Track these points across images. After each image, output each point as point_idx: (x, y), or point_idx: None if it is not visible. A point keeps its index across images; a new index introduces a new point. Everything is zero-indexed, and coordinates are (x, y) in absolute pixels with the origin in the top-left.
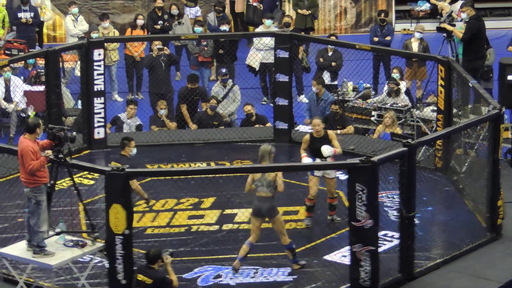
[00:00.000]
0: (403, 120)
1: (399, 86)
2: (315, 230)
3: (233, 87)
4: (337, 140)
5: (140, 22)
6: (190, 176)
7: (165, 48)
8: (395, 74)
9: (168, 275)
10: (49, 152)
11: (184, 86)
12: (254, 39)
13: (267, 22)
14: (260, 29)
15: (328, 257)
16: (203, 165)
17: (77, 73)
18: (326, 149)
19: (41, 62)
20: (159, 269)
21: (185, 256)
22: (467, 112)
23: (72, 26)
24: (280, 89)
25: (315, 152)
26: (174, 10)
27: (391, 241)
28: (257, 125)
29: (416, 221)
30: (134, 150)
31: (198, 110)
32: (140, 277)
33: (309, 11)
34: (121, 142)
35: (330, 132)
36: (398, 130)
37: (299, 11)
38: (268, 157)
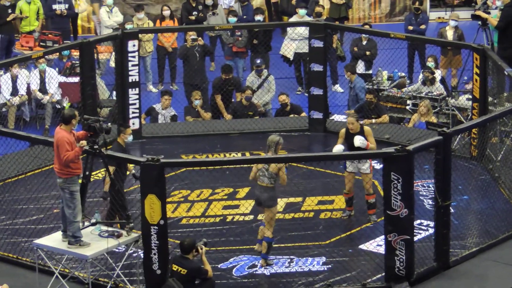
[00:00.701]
0: (438, 108)
1: (434, 75)
2: (350, 219)
3: (268, 77)
4: (373, 137)
5: (166, 13)
6: (225, 166)
7: (199, 38)
8: (430, 63)
9: (203, 265)
10: (84, 142)
11: (218, 77)
12: (288, 29)
13: (301, 11)
14: (294, 19)
15: (363, 246)
16: (238, 155)
17: (112, 64)
18: (358, 140)
19: (75, 53)
20: (194, 259)
21: (220, 246)
22: (502, 100)
23: (106, 17)
24: (315, 79)
25: (350, 146)
26: (209, 1)
27: (426, 230)
28: (291, 115)
29: (452, 210)
30: (130, 138)
31: (233, 100)
32: (175, 267)
33: (344, 0)
34: (117, 129)
35: (366, 128)
36: (433, 119)
37: (334, 0)
38: (274, 148)
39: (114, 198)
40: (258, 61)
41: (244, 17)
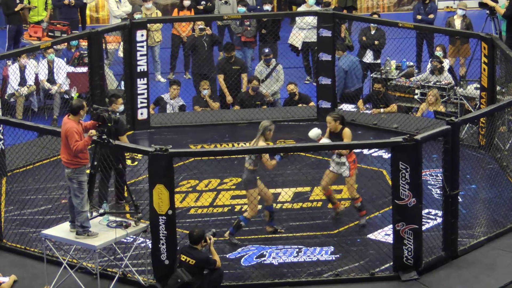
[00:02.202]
0: (446, 98)
1: (442, 64)
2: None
3: (276, 67)
4: (348, 139)
5: (187, 3)
6: (233, 156)
7: (207, 28)
8: (438, 52)
9: (211, 255)
10: (94, 131)
11: (222, 58)
12: (297, 18)
13: (310, 1)
14: (302, 8)
15: (371, 236)
16: (246, 145)
17: (120, 54)
18: (313, 132)
19: (84, 43)
20: (202, 249)
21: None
22: (510, 90)
23: (115, 7)
24: (323, 68)
25: None
26: None
27: (434, 219)
28: (300, 105)
29: (460, 199)
30: (121, 107)
31: (240, 87)
32: (183, 257)
33: None
34: (109, 98)
35: (345, 130)
36: (442, 108)
37: None
38: (262, 132)
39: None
40: (267, 50)
41: (258, 7)
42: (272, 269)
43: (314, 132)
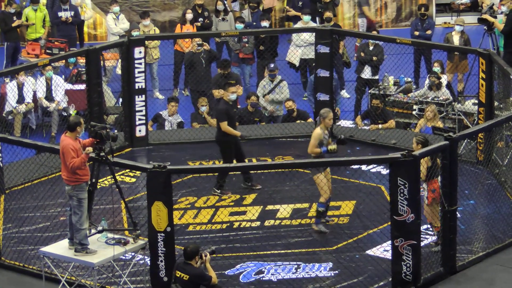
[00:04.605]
0: (444, 113)
1: (440, 80)
2: (356, 225)
3: (281, 83)
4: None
5: (189, 16)
6: (231, 173)
7: (205, 44)
8: (436, 68)
9: (207, 272)
10: (90, 149)
11: (218, 74)
12: (293, 35)
13: (305, 18)
14: (298, 25)
15: (370, 252)
16: (244, 162)
17: (118, 71)
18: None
19: (82, 60)
20: (200, 266)
21: (227, 252)
22: (508, 105)
23: (113, 25)
24: (321, 85)
25: None
26: (220, 6)
27: (433, 235)
28: (298, 121)
29: (458, 214)
30: (233, 96)
31: (239, 106)
32: (178, 273)
33: None
34: (223, 85)
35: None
36: (440, 124)
37: None
38: (319, 121)
39: None
40: (272, 65)
41: (254, 23)
42: (270, 285)
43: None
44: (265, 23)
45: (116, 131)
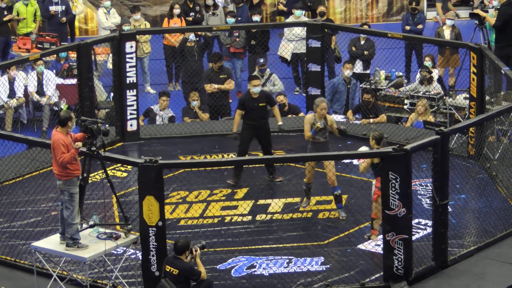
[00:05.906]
0: (435, 108)
1: (431, 74)
2: (348, 220)
3: (271, 76)
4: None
5: (176, 11)
6: (223, 167)
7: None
8: (428, 62)
9: (196, 267)
10: (79, 144)
11: (209, 68)
12: (285, 29)
13: (297, 12)
14: (290, 19)
15: (361, 246)
16: (236, 156)
17: (109, 65)
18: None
19: (73, 55)
20: (191, 260)
21: (218, 247)
22: (499, 99)
23: (104, 19)
24: (313, 79)
25: None
26: (209, 1)
27: (424, 229)
28: (289, 115)
29: (450, 208)
30: (256, 89)
31: (230, 101)
32: (168, 267)
33: None
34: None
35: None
36: (431, 118)
37: None
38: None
39: None
40: (262, 60)
41: (239, 18)
42: (262, 280)
43: (363, 149)
44: (256, 18)
45: (107, 125)
